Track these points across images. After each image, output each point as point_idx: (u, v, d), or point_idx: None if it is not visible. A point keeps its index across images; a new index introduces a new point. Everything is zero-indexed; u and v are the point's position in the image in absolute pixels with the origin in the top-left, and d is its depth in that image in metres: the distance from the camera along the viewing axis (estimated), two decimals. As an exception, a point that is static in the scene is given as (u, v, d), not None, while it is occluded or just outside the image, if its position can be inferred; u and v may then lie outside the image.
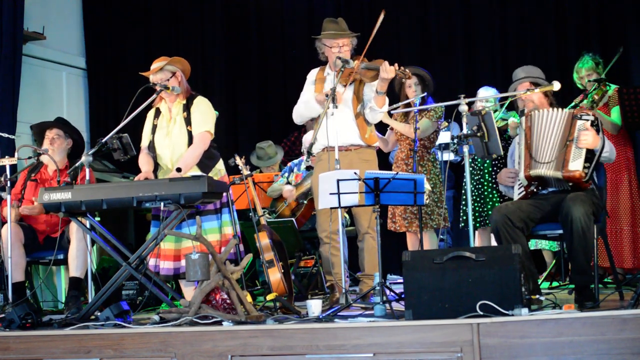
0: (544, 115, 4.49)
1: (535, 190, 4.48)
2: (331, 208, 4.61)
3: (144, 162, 4.91)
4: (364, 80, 5.02)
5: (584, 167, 4.32)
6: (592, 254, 4.24)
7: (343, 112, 4.94)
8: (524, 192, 4.51)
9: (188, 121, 4.85)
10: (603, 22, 7.07)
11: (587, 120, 4.37)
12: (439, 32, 7.75)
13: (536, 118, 4.49)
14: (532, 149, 4.46)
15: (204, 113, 4.90)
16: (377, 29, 4.74)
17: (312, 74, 5.29)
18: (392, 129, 5.88)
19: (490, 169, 6.02)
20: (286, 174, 6.58)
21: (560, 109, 4.51)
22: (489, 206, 5.92)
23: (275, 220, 6.15)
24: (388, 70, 4.79)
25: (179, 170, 4.63)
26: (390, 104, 5.35)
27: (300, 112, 5.25)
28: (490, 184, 5.98)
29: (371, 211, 4.62)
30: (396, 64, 4.83)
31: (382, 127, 5.93)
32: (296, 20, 8.32)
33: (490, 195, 5.96)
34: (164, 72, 4.89)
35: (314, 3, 8.24)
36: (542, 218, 4.42)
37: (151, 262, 4.80)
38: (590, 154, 4.35)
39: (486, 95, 6.03)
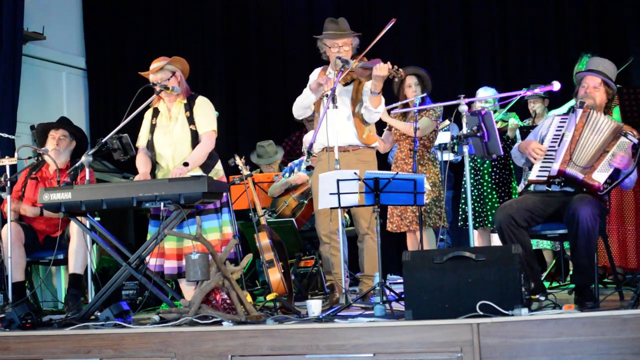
0: (599, 120, 4.39)
1: (556, 183, 4.41)
2: (331, 208, 4.61)
3: (142, 163, 4.92)
4: (361, 79, 5.02)
5: (605, 182, 4.28)
6: (595, 255, 4.22)
7: (341, 112, 4.94)
8: (544, 179, 4.41)
9: (191, 120, 4.88)
10: (603, 22, 7.08)
11: (631, 141, 4.30)
12: (439, 32, 7.76)
13: (593, 119, 4.40)
14: (577, 146, 4.36)
15: (208, 113, 4.95)
16: (383, 34, 4.74)
17: (315, 74, 5.29)
18: (390, 128, 5.88)
19: (489, 170, 6.03)
20: (287, 174, 6.59)
21: (611, 119, 4.45)
22: (489, 206, 5.93)
23: (275, 220, 6.15)
24: (380, 68, 4.79)
25: (186, 164, 4.65)
26: (389, 104, 5.35)
27: (298, 103, 5.23)
28: (490, 185, 5.99)
29: (371, 211, 4.62)
30: (389, 63, 4.82)
31: (379, 127, 5.93)
32: (296, 20, 8.32)
33: (490, 196, 5.96)
34: (164, 71, 4.90)
35: (314, 3, 8.24)
36: (549, 217, 4.36)
37: (156, 262, 4.80)
38: (616, 173, 4.31)
39: (485, 95, 6.03)
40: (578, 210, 4.11)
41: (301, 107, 5.23)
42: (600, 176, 4.28)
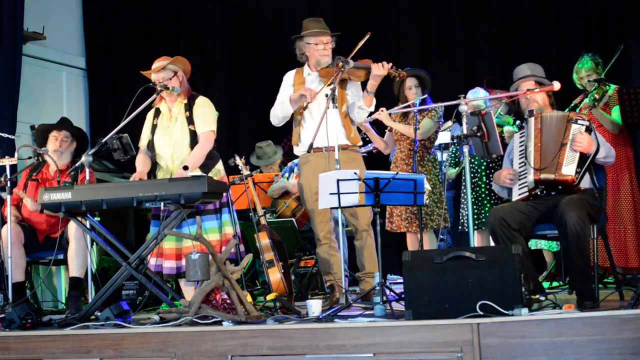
0: (549, 118, 4.48)
1: (539, 193, 4.47)
2: (331, 208, 4.61)
3: (140, 163, 4.92)
4: (353, 79, 5.01)
5: (576, 172, 4.34)
6: (589, 256, 4.23)
7: (330, 112, 4.88)
8: (526, 194, 4.50)
9: (190, 120, 4.87)
10: (603, 22, 7.07)
11: (582, 125, 4.38)
12: (439, 32, 7.75)
13: (546, 121, 4.48)
14: (541, 151, 4.44)
15: (207, 113, 4.93)
16: (359, 47, 4.77)
17: (289, 77, 5.24)
18: (390, 130, 5.88)
19: (487, 172, 6.02)
20: (286, 174, 6.59)
21: (557, 111, 4.51)
22: (487, 208, 5.92)
23: (275, 220, 6.15)
24: (380, 67, 4.78)
25: (185, 168, 4.64)
26: (389, 106, 5.34)
27: (276, 114, 5.18)
28: (486, 186, 5.98)
29: (367, 210, 4.60)
30: (390, 63, 4.82)
31: (381, 129, 5.93)
32: (296, 21, 8.31)
33: (488, 198, 5.96)
34: (166, 71, 4.90)
35: (314, 3, 8.24)
36: (540, 219, 4.42)
37: (154, 261, 4.80)
38: (582, 159, 4.36)
39: (475, 97, 6.02)
40: (565, 215, 4.16)
41: (280, 117, 5.17)
42: (569, 169, 4.35)
